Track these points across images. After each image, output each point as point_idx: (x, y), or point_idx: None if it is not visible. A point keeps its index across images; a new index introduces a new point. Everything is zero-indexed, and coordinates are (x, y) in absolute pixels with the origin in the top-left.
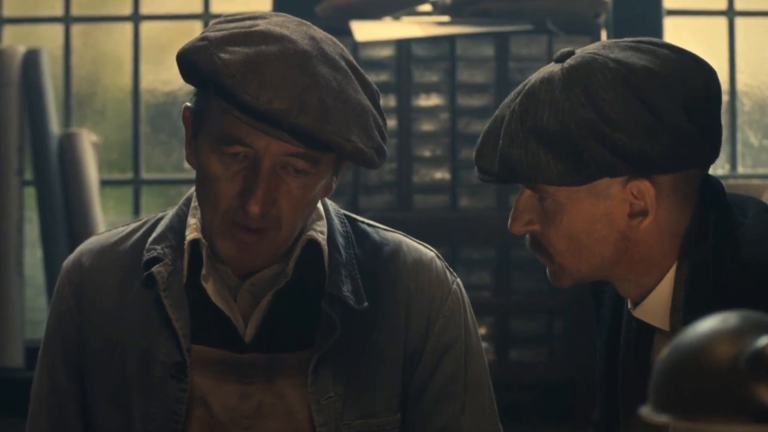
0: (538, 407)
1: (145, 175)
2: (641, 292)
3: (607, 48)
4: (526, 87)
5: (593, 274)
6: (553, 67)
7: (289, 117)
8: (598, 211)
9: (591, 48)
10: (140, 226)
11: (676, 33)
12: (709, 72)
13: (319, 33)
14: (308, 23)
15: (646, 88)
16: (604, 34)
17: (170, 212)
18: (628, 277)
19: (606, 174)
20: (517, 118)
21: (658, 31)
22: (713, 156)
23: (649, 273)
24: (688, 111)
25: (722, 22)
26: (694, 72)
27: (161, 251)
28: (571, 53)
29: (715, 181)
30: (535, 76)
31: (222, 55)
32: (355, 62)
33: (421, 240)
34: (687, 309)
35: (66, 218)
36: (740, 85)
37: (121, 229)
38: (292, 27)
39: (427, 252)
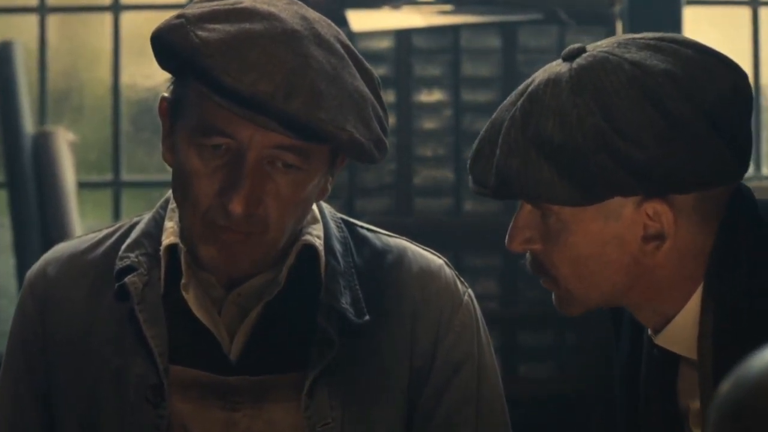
0: (549, 424)
1: (125, 176)
2: (661, 319)
3: (623, 46)
4: (530, 88)
5: (604, 302)
6: (560, 67)
7: (275, 101)
8: (607, 233)
9: (604, 45)
10: (113, 232)
11: (695, 24)
12: (737, 74)
13: (312, 13)
14: (300, 3)
15: (665, 95)
16: (619, 25)
17: (147, 216)
18: (644, 304)
19: (617, 193)
20: (517, 125)
21: (676, 21)
22: (741, 171)
23: (670, 299)
24: (713, 120)
25: (746, 12)
26: (720, 75)
27: (135, 259)
28: (581, 50)
29: (743, 188)
30: (539, 76)
31: (200, 33)
32: (352, 47)
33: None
34: (717, 335)
35: (40, 223)
36: (764, 80)
37: (92, 235)
38: (281, 5)
39: (435, 259)
